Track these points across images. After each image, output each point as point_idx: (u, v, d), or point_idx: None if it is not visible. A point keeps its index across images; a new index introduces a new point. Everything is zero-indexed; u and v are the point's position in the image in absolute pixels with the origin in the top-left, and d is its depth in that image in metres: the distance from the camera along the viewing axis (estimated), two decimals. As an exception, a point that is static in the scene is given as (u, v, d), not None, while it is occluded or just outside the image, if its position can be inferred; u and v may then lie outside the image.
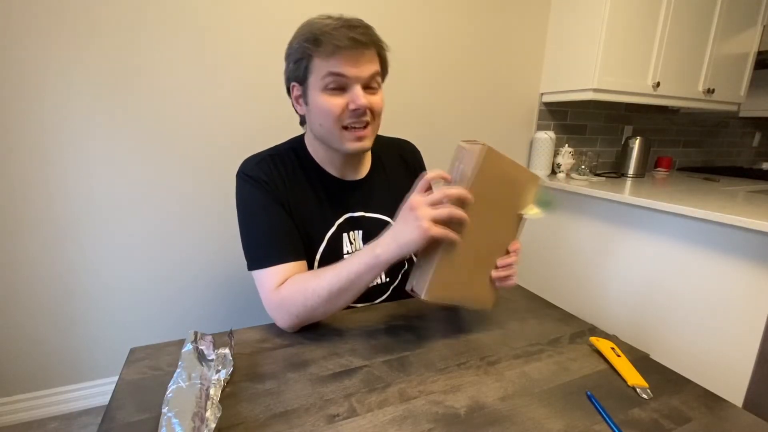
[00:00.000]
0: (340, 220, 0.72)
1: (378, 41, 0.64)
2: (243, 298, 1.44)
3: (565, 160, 1.82)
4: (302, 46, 0.62)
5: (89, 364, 1.29)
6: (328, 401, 0.46)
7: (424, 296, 0.54)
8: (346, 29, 0.60)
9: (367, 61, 0.62)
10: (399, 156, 0.83)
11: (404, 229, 0.53)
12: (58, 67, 1.08)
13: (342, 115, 0.63)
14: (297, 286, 0.60)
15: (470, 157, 0.53)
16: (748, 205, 1.33)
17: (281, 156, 0.71)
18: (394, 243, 0.54)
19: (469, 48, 1.60)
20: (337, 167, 0.73)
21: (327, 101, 0.62)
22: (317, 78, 0.62)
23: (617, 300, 1.49)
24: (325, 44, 0.60)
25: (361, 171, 0.76)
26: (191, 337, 0.51)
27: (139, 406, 0.44)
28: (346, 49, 0.59)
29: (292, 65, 0.65)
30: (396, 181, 0.79)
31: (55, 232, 1.17)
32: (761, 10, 1.88)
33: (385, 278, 0.76)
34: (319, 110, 0.64)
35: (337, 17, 0.62)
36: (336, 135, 0.65)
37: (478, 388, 0.50)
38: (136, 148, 1.20)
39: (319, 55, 0.61)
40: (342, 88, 0.62)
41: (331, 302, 0.59)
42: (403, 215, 0.54)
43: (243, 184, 0.68)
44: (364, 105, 0.62)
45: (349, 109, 0.62)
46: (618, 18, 1.53)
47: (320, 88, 0.62)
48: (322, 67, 0.61)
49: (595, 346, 0.59)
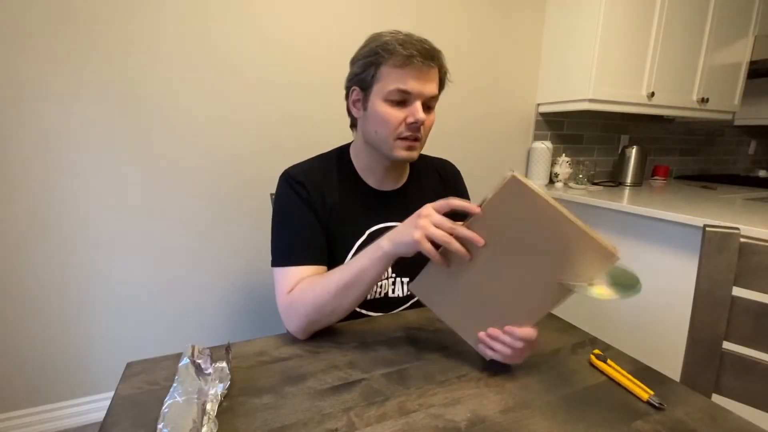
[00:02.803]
0: (371, 229, 0.74)
1: (442, 64, 0.68)
2: (241, 312, 1.43)
3: (563, 169, 1.83)
4: (374, 52, 0.65)
5: (85, 380, 1.27)
6: (327, 416, 0.46)
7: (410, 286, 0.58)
8: (419, 44, 0.63)
9: (430, 80, 0.65)
10: (437, 173, 0.85)
11: (403, 230, 0.55)
12: (62, 73, 1.09)
13: (399, 128, 0.66)
14: (307, 285, 0.62)
15: (498, 184, 0.47)
16: (746, 212, 1.33)
17: (326, 164, 0.75)
18: (392, 239, 0.56)
19: (465, 60, 1.62)
20: (376, 177, 0.75)
21: (388, 112, 0.65)
22: (382, 87, 0.65)
23: (616, 309, 1.48)
24: (396, 55, 0.62)
25: (398, 183, 0.78)
26: (188, 350, 0.50)
27: (134, 422, 0.43)
28: (416, 63, 0.62)
29: (358, 70, 0.68)
30: (431, 196, 0.80)
31: (52, 247, 1.16)
32: (752, 21, 1.92)
33: (406, 292, 0.76)
34: (378, 118, 0.66)
35: (407, 33, 0.65)
36: (389, 143, 0.67)
37: (479, 400, 0.49)
38: (136, 160, 1.20)
39: (390, 64, 0.64)
40: (404, 101, 0.65)
41: (339, 298, 0.59)
42: (411, 217, 0.55)
43: (283, 184, 0.72)
44: (422, 119, 0.65)
45: (407, 122, 0.65)
46: (612, 29, 1.56)
47: (383, 98, 0.65)
48: (389, 77, 0.64)
49: (596, 364, 0.57)
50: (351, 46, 0.71)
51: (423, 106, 0.66)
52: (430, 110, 0.68)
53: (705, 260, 0.68)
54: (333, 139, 0.86)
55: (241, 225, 1.36)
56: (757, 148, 2.81)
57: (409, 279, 0.75)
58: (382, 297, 0.75)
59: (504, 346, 0.52)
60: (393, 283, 0.75)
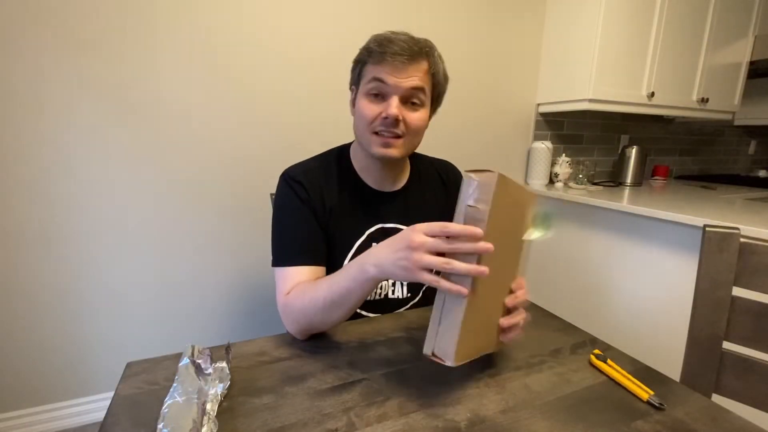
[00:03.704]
0: (371, 230, 0.74)
1: (431, 60, 0.66)
2: (241, 312, 1.43)
3: (563, 169, 1.83)
4: (361, 52, 0.67)
5: (85, 380, 1.27)
6: (326, 416, 0.46)
7: (451, 363, 0.46)
8: (402, 42, 0.63)
9: (410, 74, 0.64)
10: (437, 174, 0.84)
11: (392, 259, 0.49)
12: (62, 73, 1.09)
13: (374, 122, 0.66)
14: (299, 293, 0.62)
15: (485, 191, 0.45)
16: (746, 212, 1.33)
17: (326, 163, 0.75)
18: (380, 266, 0.51)
19: (465, 61, 1.62)
20: (374, 177, 0.75)
21: (365, 106, 0.66)
22: (364, 83, 0.66)
23: (617, 308, 1.48)
24: (377, 52, 0.63)
25: (398, 184, 0.78)
26: (188, 350, 0.50)
27: (134, 422, 0.43)
28: (392, 57, 0.62)
29: (352, 70, 0.70)
30: (431, 198, 0.81)
31: (52, 247, 1.16)
32: (752, 21, 1.91)
33: (406, 293, 0.76)
34: (358, 113, 0.68)
35: (402, 32, 0.65)
36: (367, 138, 0.67)
37: (479, 400, 0.49)
38: (137, 161, 1.20)
39: (371, 61, 0.65)
40: (382, 96, 0.65)
41: (327, 313, 0.59)
42: (401, 246, 0.48)
43: (283, 184, 0.72)
44: (394, 114, 0.63)
45: (381, 117, 0.65)
46: (612, 29, 1.56)
47: (364, 93, 0.66)
48: (370, 73, 0.65)
49: (596, 364, 0.58)
50: (351, 47, 0.71)
51: (405, 103, 0.65)
52: (414, 107, 0.66)
53: (705, 260, 0.68)
54: (334, 139, 0.86)
55: (242, 225, 1.36)
56: (757, 148, 2.81)
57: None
58: (382, 298, 0.75)
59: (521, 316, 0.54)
60: (393, 284, 0.75)
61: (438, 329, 0.48)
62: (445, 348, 0.47)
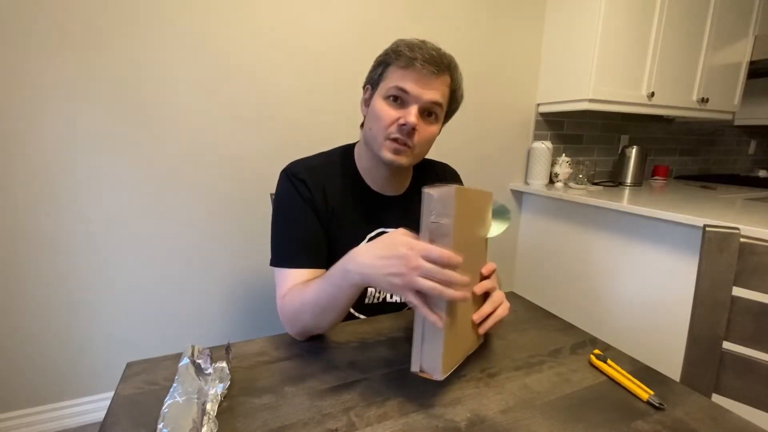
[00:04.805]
0: (371, 234, 0.73)
1: (455, 76, 0.69)
2: (241, 312, 1.43)
3: (563, 169, 1.83)
4: (386, 53, 0.68)
5: (85, 380, 1.27)
6: (327, 416, 0.46)
7: (440, 378, 0.48)
8: (429, 51, 0.64)
9: (433, 88, 0.65)
10: (435, 176, 0.84)
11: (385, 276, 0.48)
12: (62, 73, 1.09)
13: (391, 127, 0.65)
14: (295, 295, 0.61)
15: (446, 206, 0.46)
16: (746, 212, 1.33)
17: (329, 162, 0.74)
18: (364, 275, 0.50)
19: (465, 61, 1.60)
20: (376, 181, 0.74)
21: (383, 109, 0.66)
22: (385, 85, 0.66)
23: (617, 309, 1.48)
24: (403, 57, 0.63)
25: (400, 188, 0.78)
26: (188, 350, 0.50)
27: (134, 422, 0.43)
28: (422, 64, 0.62)
29: (372, 69, 0.70)
30: None
31: (52, 246, 1.16)
32: (752, 21, 1.91)
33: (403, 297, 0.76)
34: (374, 115, 0.67)
35: (424, 41, 0.67)
36: (379, 141, 0.67)
37: (479, 400, 0.49)
38: (137, 161, 1.20)
39: (396, 64, 0.65)
40: (402, 103, 0.65)
41: (318, 318, 0.59)
42: (394, 262, 0.47)
43: (285, 180, 0.71)
44: (412, 123, 0.63)
45: (398, 123, 0.65)
46: (611, 29, 1.56)
47: (383, 96, 0.66)
48: (393, 77, 0.65)
49: (596, 364, 0.58)
50: (354, 46, 0.71)
51: (423, 114, 0.65)
52: (430, 120, 0.67)
53: (705, 260, 0.68)
54: (335, 139, 0.86)
55: (241, 225, 1.36)
56: (757, 148, 2.81)
57: None
58: (380, 302, 0.75)
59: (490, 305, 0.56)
60: None
61: (422, 347, 0.48)
62: (432, 364, 0.48)
